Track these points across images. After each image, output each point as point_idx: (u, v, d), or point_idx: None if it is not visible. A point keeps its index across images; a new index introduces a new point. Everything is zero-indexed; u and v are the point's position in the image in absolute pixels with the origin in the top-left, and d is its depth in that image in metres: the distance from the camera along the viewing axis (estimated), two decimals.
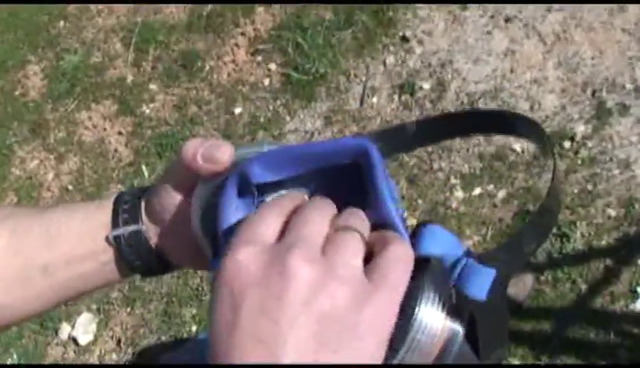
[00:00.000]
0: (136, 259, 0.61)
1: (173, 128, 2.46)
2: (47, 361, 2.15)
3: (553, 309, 1.75)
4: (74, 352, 2.14)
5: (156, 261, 0.61)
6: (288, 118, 2.34)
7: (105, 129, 2.56)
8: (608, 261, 1.79)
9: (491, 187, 1.99)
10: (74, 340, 2.15)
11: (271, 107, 2.37)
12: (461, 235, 1.93)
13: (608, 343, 1.68)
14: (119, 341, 2.13)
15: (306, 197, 0.53)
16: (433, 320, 0.46)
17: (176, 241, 0.60)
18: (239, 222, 0.48)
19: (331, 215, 0.46)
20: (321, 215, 0.45)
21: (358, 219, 0.46)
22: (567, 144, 1.98)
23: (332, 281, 0.40)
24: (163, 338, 2.07)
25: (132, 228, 0.59)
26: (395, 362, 0.45)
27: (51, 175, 2.54)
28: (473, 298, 0.47)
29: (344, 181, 0.52)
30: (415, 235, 0.50)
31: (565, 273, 1.79)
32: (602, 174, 1.92)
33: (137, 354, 2.11)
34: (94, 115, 2.60)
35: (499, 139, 2.06)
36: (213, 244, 0.53)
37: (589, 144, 1.98)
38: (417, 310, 0.45)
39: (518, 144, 2.03)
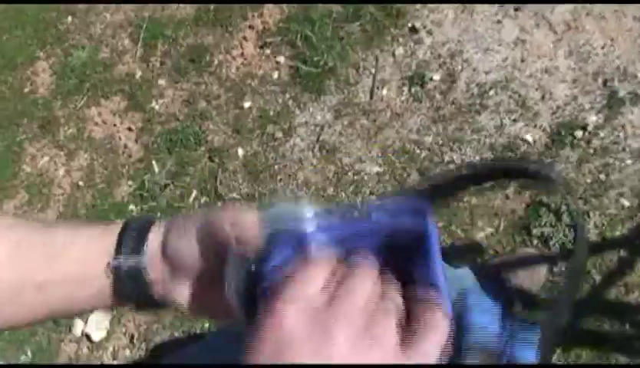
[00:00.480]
0: (133, 291, 0.61)
1: (183, 123, 2.46)
2: (61, 358, 2.15)
3: None
4: (88, 348, 2.15)
5: (152, 298, 0.62)
6: (297, 111, 2.33)
7: (115, 125, 2.56)
8: (622, 252, 1.78)
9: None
10: (88, 337, 2.16)
11: (280, 101, 2.37)
12: (474, 228, 1.92)
13: (623, 334, 1.68)
14: (132, 337, 2.13)
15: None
16: None
17: (182, 287, 0.61)
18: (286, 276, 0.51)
19: (374, 281, 0.50)
20: (363, 286, 0.49)
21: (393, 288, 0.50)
22: (579, 134, 1.97)
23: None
24: (176, 334, 2.07)
25: (133, 260, 0.60)
26: None
27: (61, 172, 2.54)
28: (526, 360, 0.51)
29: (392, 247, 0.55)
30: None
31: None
32: (614, 164, 1.91)
33: (151, 351, 2.11)
34: (103, 111, 2.60)
35: (510, 130, 2.05)
36: (248, 309, 0.56)
37: (601, 134, 1.96)
38: None
39: (529, 134, 2.02)
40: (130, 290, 0.61)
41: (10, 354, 2.24)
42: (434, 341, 0.46)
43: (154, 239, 0.60)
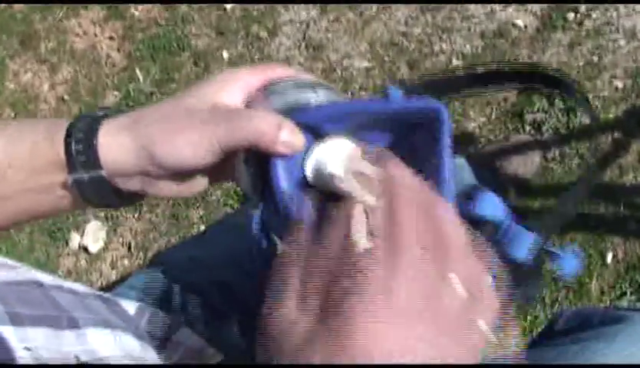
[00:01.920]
0: (99, 199, 0.58)
1: (165, 28, 2.40)
2: (60, 271, 2.17)
3: (561, 185, 1.73)
4: (86, 260, 2.16)
5: (118, 198, 0.59)
6: (281, 9, 2.26)
7: (96, 35, 2.50)
8: (616, 134, 1.76)
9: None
10: (85, 249, 2.16)
11: None
12: (466, 117, 1.89)
13: (618, 216, 1.67)
14: (129, 246, 2.14)
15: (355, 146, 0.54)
16: None
17: (166, 184, 0.57)
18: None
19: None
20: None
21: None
22: (571, 16, 1.92)
23: None
24: (173, 240, 2.07)
25: (93, 174, 0.55)
26: None
27: (46, 87, 2.50)
28: (514, 258, 0.52)
29: (401, 135, 0.55)
30: (471, 198, 0.54)
31: (573, 148, 1.76)
32: (607, 45, 1.87)
33: (150, 259, 2.12)
34: (83, 22, 2.53)
35: (500, 15, 1.99)
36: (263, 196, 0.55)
37: (593, 15, 1.91)
38: None
39: (520, 19, 1.96)
40: (96, 198, 0.58)
41: None
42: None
43: (115, 146, 0.55)
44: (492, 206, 0.54)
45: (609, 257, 1.63)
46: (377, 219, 0.43)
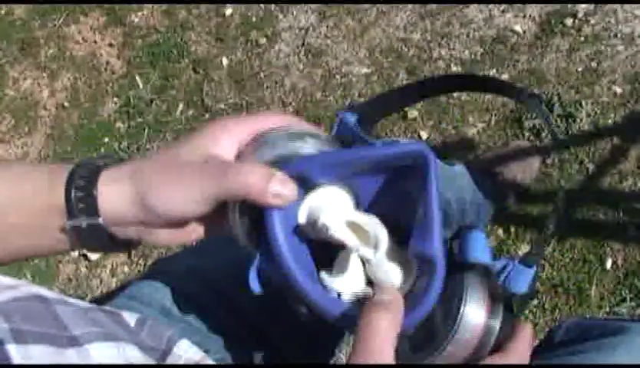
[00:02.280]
0: (96, 244, 0.60)
1: (164, 35, 2.40)
2: (60, 279, 2.17)
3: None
4: (86, 267, 2.16)
5: (115, 245, 0.61)
6: (280, 15, 2.27)
7: (95, 42, 2.50)
8: (616, 140, 1.76)
9: (493, 72, 1.94)
10: (85, 256, 2.16)
11: (262, 6, 2.30)
12: (465, 124, 1.89)
13: (618, 222, 1.67)
14: (130, 254, 2.14)
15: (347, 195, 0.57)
16: (476, 317, 0.53)
17: (161, 232, 0.59)
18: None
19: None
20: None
21: None
22: (569, 22, 1.92)
23: None
24: (173, 248, 2.07)
25: (91, 221, 0.57)
26: (443, 354, 0.53)
27: (46, 93, 2.50)
28: (518, 293, 0.56)
29: (389, 180, 0.56)
30: (459, 238, 0.56)
31: (572, 154, 1.76)
32: (606, 51, 1.87)
33: (149, 267, 2.12)
34: (83, 28, 2.54)
35: (499, 21, 1.99)
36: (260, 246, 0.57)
37: (592, 21, 1.91)
38: (462, 309, 0.53)
39: (518, 25, 1.97)
40: (92, 245, 0.60)
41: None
42: None
43: (113, 195, 0.57)
44: (479, 248, 0.56)
45: (609, 263, 1.63)
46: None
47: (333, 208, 0.54)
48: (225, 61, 2.28)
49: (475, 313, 0.53)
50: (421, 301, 0.50)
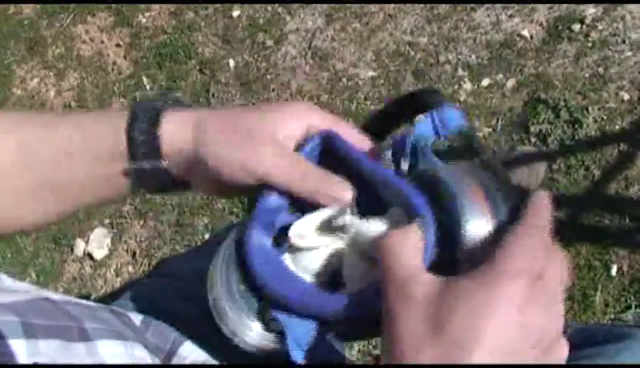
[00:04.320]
0: (158, 188, 0.61)
1: (171, 36, 2.41)
2: (65, 278, 2.17)
3: (567, 196, 1.73)
4: (91, 267, 2.16)
5: (175, 187, 0.61)
6: (288, 18, 2.27)
7: (103, 42, 2.51)
8: (622, 146, 1.76)
9: (500, 76, 1.94)
10: (90, 256, 2.17)
11: (270, 8, 2.30)
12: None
13: (624, 228, 1.67)
14: (134, 254, 2.14)
15: None
16: (481, 230, 0.47)
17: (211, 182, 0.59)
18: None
19: None
20: None
21: None
22: (577, 27, 1.92)
23: None
24: (177, 248, 2.08)
25: (154, 163, 0.58)
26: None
27: (52, 93, 2.51)
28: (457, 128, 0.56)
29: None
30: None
31: (579, 160, 1.76)
32: (613, 57, 1.86)
33: (154, 266, 2.12)
34: (90, 28, 2.54)
35: (506, 26, 1.99)
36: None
37: (600, 26, 1.91)
38: (463, 232, 0.47)
39: (526, 30, 1.96)
40: (154, 187, 0.61)
41: (15, 277, 2.25)
42: None
43: (174, 140, 0.58)
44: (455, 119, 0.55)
45: (614, 270, 1.62)
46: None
47: (300, 220, 0.55)
48: (232, 63, 2.28)
49: (479, 227, 0.47)
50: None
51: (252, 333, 0.54)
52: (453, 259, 0.46)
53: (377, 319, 0.45)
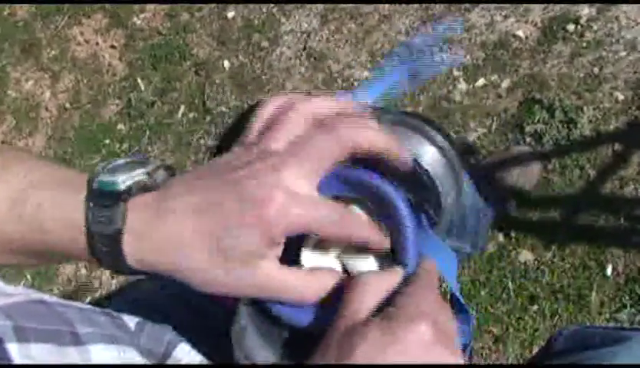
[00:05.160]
0: (112, 266, 0.54)
1: (166, 38, 2.40)
2: (60, 280, 2.17)
3: (562, 196, 1.73)
4: (86, 268, 2.16)
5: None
6: (283, 19, 2.27)
7: (97, 44, 2.50)
8: (617, 146, 1.76)
9: (495, 77, 1.94)
10: None
11: (264, 9, 2.30)
12: (466, 128, 1.89)
13: (619, 228, 1.67)
14: None
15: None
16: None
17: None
18: None
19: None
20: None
21: None
22: (571, 28, 1.92)
23: None
24: None
25: (117, 262, 0.52)
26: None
27: (47, 95, 2.50)
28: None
29: None
30: None
31: (574, 159, 1.76)
32: (608, 57, 1.87)
33: None
34: (85, 30, 2.54)
35: (501, 26, 1.99)
36: None
37: (594, 27, 1.91)
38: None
39: (521, 30, 1.96)
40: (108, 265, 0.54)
41: (10, 280, 2.25)
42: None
43: (141, 259, 0.51)
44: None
45: (609, 270, 1.63)
46: None
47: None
48: (227, 64, 2.28)
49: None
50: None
51: None
52: None
53: None
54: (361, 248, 0.52)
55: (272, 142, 0.49)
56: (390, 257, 0.53)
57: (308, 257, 0.53)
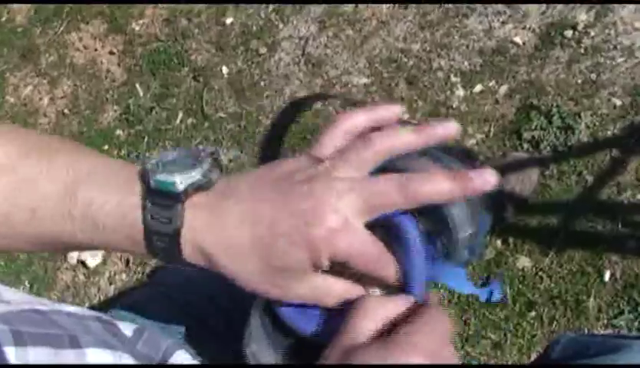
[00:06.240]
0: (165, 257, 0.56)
1: (165, 43, 2.41)
2: (58, 286, 2.16)
3: (559, 202, 1.74)
4: (84, 275, 2.16)
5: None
6: (281, 25, 2.27)
7: (96, 50, 2.51)
8: (615, 152, 1.76)
9: (492, 83, 1.94)
10: (83, 264, 2.16)
11: (263, 15, 2.31)
12: (464, 134, 1.90)
13: (617, 234, 1.67)
14: (127, 262, 2.14)
15: None
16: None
17: None
18: None
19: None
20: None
21: None
22: (569, 33, 1.92)
23: None
24: None
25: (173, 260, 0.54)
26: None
27: (46, 101, 2.50)
28: None
29: None
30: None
31: (571, 166, 1.76)
32: (605, 63, 1.87)
33: (147, 275, 2.12)
34: (83, 36, 2.54)
35: (499, 33, 2.00)
36: None
37: (592, 33, 1.92)
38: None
39: (518, 36, 1.97)
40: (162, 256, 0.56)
41: (8, 286, 2.24)
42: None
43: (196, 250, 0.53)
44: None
45: (607, 275, 1.63)
46: None
47: None
48: (225, 70, 2.28)
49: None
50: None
51: None
52: None
53: None
54: None
55: (342, 165, 0.50)
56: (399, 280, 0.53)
57: None
